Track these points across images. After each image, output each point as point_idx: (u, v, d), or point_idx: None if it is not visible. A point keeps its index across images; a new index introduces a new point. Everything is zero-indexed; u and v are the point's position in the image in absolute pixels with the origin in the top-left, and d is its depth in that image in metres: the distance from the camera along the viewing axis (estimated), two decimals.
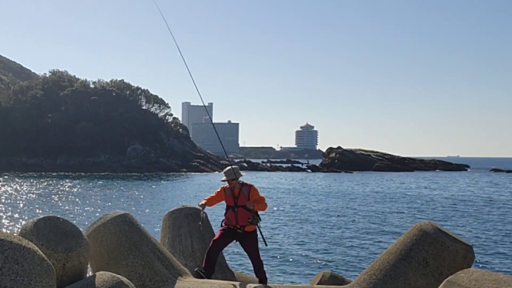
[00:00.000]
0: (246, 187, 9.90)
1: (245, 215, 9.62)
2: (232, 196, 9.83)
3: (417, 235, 7.31)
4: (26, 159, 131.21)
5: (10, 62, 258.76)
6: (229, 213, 9.80)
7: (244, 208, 9.63)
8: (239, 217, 9.67)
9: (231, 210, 9.76)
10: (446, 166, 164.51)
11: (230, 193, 9.90)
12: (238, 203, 9.72)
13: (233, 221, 9.71)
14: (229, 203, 9.86)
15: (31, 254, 5.25)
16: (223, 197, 10.03)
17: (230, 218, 9.77)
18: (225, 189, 10.04)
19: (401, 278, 7.14)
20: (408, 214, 43.64)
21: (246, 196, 9.71)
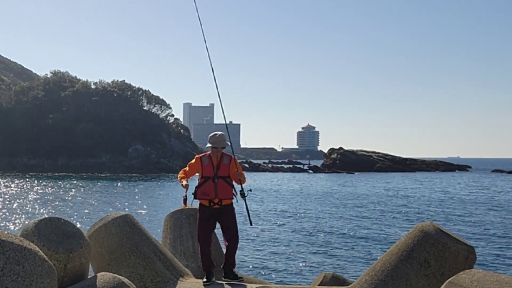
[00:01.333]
0: (227, 157, 9.25)
1: (225, 187, 8.98)
2: (211, 165, 9.12)
3: (418, 236, 7.30)
4: (27, 160, 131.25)
5: (11, 63, 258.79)
6: (206, 184, 8.99)
7: (224, 180, 9.01)
8: (219, 190, 8.96)
9: (210, 181, 8.98)
10: (447, 166, 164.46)
11: (208, 162, 9.17)
12: (219, 173, 9.04)
13: (212, 194, 8.94)
14: (206, 173, 9.08)
15: (32, 255, 5.25)
16: (199, 167, 9.20)
17: (207, 190, 8.96)
18: (202, 158, 9.27)
19: (403, 279, 7.13)
20: (409, 215, 43.62)
21: (228, 166, 9.12)
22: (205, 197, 8.93)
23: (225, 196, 8.95)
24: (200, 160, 9.23)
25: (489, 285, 5.58)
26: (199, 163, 9.22)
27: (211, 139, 9.19)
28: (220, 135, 9.20)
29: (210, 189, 8.93)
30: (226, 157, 9.21)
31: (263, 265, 23.13)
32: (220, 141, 9.14)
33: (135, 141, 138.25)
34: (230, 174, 9.13)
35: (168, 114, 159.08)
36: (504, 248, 28.09)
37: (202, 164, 9.16)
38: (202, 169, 9.12)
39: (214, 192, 8.91)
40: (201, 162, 9.20)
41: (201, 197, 8.97)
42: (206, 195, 8.93)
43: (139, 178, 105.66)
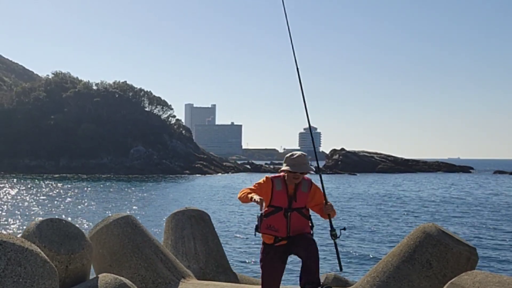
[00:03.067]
0: (306, 182, 7.15)
1: (300, 221, 7.03)
2: (285, 193, 7.06)
3: (420, 237, 7.30)
4: (28, 161, 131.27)
5: (12, 64, 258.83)
6: (275, 217, 7.01)
7: (299, 213, 7.03)
8: (292, 226, 7.00)
9: (281, 214, 6.99)
10: (449, 167, 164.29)
11: (282, 188, 7.09)
12: (294, 205, 7.01)
13: (282, 230, 6.99)
14: (278, 202, 7.02)
15: (34, 256, 5.25)
16: (268, 192, 7.08)
17: (276, 225, 7.00)
18: (274, 181, 7.14)
19: (405, 280, 7.13)
20: (411, 216, 43.59)
21: (307, 196, 7.10)
22: (272, 233, 7.04)
23: (299, 232, 7.05)
24: (272, 183, 7.14)
25: (491, 286, 5.57)
26: (269, 186, 7.12)
27: (290, 161, 7.12)
28: (302, 156, 7.13)
29: (280, 224, 7.02)
30: (304, 183, 7.15)
31: None
32: (303, 164, 7.07)
33: (136, 142, 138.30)
34: (308, 205, 7.15)
35: (170, 115, 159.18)
36: (506, 249, 28.06)
37: (273, 189, 7.11)
38: (272, 196, 7.09)
39: (285, 229, 7.01)
40: (272, 185, 7.12)
41: (266, 232, 7.05)
42: (273, 230, 7.02)
43: (140, 179, 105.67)
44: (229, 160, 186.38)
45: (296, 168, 6.99)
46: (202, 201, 58.37)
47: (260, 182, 7.19)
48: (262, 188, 7.10)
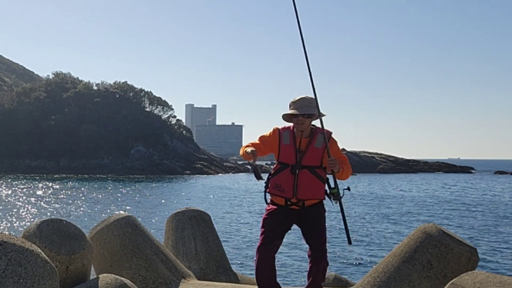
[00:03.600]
0: (320, 136, 6.31)
1: (311, 183, 6.29)
2: (293, 146, 6.33)
3: (421, 238, 7.29)
4: (29, 161, 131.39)
5: (13, 64, 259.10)
6: (282, 175, 6.33)
7: (311, 172, 6.28)
8: (300, 186, 6.26)
9: (288, 172, 6.29)
10: (450, 168, 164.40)
11: (290, 141, 6.36)
12: (303, 161, 6.27)
13: (288, 191, 6.28)
14: (284, 158, 6.36)
15: (34, 257, 5.25)
16: (276, 146, 6.42)
17: (282, 184, 6.31)
18: (282, 133, 6.43)
19: (405, 281, 7.12)
20: (412, 216, 43.60)
21: (320, 152, 6.32)
22: (278, 193, 6.35)
23: (310, 196, 6.37)
24: (279, 136, 6.40)
25: (491, 287, 5.56)
26: (277, 137, 6.41)
27: (290, 104, 6.35)
28: (306, 98, 6.30)
29: (287, 183, 6.27)
30: (320, 137, 6.32)
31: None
32: (304, 106, 6.24)
33: (137, 142, 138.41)
34: (323, 163, 6.33)
35: (170, 115, 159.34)
36: (507, 249, 28.07)
37: (281, 141, 6.39)
38: (280, 151, 6.41)
39: (292, 189, 6.26)
40: (279, 137, 6.40)
41: (274, 192, 6.38)
42: (279, 189, 6.32)
43: (141, 179, 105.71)
44: (230, 161, 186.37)
45: (297, 110, 6.19)
46: (202, 201, 58.38)
47: (265, 134, 6.49)
48: (266, 142, 6.45)
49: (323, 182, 6.46)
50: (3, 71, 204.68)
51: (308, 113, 6.23)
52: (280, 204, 6.44)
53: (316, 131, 6.41)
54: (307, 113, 6.23)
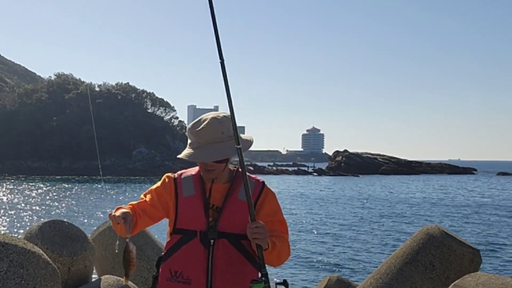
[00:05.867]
0: (252, 183, 3.89)
1: (236, 264, 3.75)
2: (201, 199, 3.83)
3: (423, 239, 7.29)
4: (31, 163, 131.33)
5: (15, 65, 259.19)
6: (186, 253, 3.77)
7: (233, 244, 3.75)
8: (217, 270, 3.70)
9: (197, 246, 3.74)
10: (453, 169, 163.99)
11: (196, 190, 3.88)
12: (221, 224, 3.74)
13: (200, 279, 3.70)
14: (189, 221, 3.80)
15: (36, 258, 5.25)
16: (172, 201, 3.90)
17: (189, 271, 3.74)
18: (181, 181, 3.95)
19: (408, 282, 7.11)
20: (414, 218, 43.51)
21: (244, 209, 3.66)
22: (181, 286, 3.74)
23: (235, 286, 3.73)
24: (175, 183, 3.95)
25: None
26: (171, 187, 3.94)
27: (193, 136, 3.83)
28: (218, 125, 3.78)
29: (194, 266, 3.72)
30: (238, 184, 3.86)
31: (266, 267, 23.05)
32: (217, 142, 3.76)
33: (139, 143, 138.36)
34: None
35: (173, 116, 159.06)
36: (510, 251, 28.00)
37: (179, 193, 3.89)
38: (178, 208, 3.86)
39: (204, 276, 3.70)
40: (175, 187, 3.93)
41: (170, 287, 3.80)
42: (182, 280, 3.74)
43: (143, 180, 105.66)
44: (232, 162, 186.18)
45: (199, 154, 3.74)
46: None
47: (154, 187, 4.01)
48: (156, 198, 3.93)
49: (252, 263, 3.80)
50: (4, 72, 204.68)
51: (219, 159, 3.75)
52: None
53: (239, 175, 3.88)
54: (217, 159, 3.74)
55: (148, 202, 3.93)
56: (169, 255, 3.86)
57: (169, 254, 3.87)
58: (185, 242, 3.78)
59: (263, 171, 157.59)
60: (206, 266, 3.70)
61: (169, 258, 3.85)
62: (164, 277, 3.85)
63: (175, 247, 3.83)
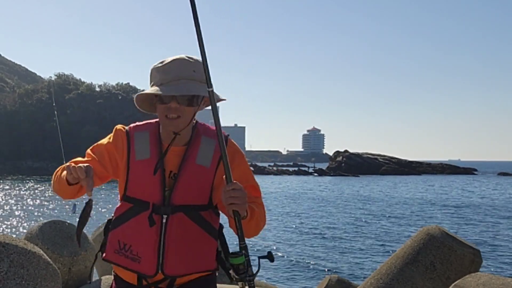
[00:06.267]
0: (211, 141, 3.33)
1: (193, 242, 3.23)
2: (158, 168, 3.23)
3: (424, 239, 7.29)
4: (31, 163, 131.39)
5: (15, 65, 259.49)
6: (135, 227, 3.25)
7: (192, 218, 3.23)
8: (169, 249, 3.18)
9: (146, 221, 3.20)
10: (453, 169, 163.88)
11: (152, 153, 3.29)
12: (175, 197, 3.21)
13: (149, 260, 3.20)
14: (141, 191, 3.28)
15: (37, 258, 5.24)
16: (122, 162, 3.39)
17: (139, 247, 3.23)
18: (134, 137, 3.42)
19: (408, 283, 7.11)
20: (415, 218, 43.48)
21: (211, 174, 3.27)
22: (129, 264, 3.28)
23: (189, 269, 3.26)
24: (127, 139, 3.42)
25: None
26: (123, 144, 3.41)
27: (159, 73, 3.26)
28: (189, 61, 3.23)
29: (144, 244, 3.23)
30: (206, 143, 3.34)
31: (266, 268, 23.06)
32: (186, 78, 3.18)
33: None
34: (214, 199, 3.30)
35: None
36: (510, 251, 27.99)
37: (131, 155, 3.35)
38: (129, 172, 3.36)
39: (154, 256, 3.20)
40: (128, 145, 3.39)
41: (118, 259, 3.33)
42: (130, 256, 3.26)
43: None
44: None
45: (165, 87, 3.14)
46: None
47: (103, 142, 3.53)
48: (106, 156, 3.39)
49: (215, 237, 3.33)
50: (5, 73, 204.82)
51: (190, 94, 3.15)
52: (130, 284, 3.35)
53: (199, 132, 3.37)
54: (188, 94, 3.15)
55: (97, 160, 3.39)
56: (118, 223, 3.37)
57: (118, 222, 3.38)
58: (135, 213, 3.29)
59: (264, 171, 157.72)
60: (158, 245, 3.20)
61: (118, 227, 3.35)
62: (112, 248, 3.37)
63: (124, 217, 3.35)
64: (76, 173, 2.99)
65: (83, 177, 2.99)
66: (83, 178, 3.00)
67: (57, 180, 3.41)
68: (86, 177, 3.00)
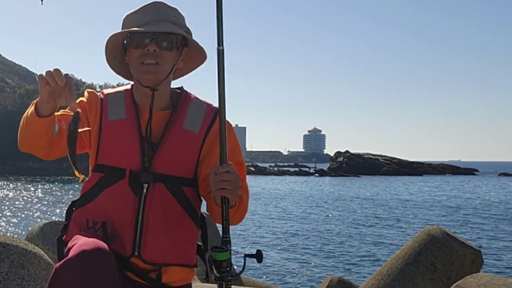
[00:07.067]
0: (200, 106, 2.95)
1: (174, 221, 2.79)
2: (134, 125, 2.84)
3: (425, 240, 7.28)
4: (32, 163, 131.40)
5: (16, 66, 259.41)
6: (110, 199, 2.78)
7: (174, 191, 2.78)
8: (148, 223, 2.72)
9: (125, 190, 2.76)
10: (454, 170, 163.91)
11: (129, 113, 2.87)
12: (157, 164, 2.77)
13: (126, 240, 2.71)
14: (116, 156, 2.87)
15: (37, 259, 5.24)
16: (95, 125, 2.97)
17: (111, 220, 2.73)
18: (107, 99, 2.96)
19: (409, 283, 7.10)
20: (416, 219, 43.48)
21: (198, 138, 2.86)
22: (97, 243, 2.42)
23: (167, 258, 2.77)
24: (100, 102, 2.96)
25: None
26: (96, 106, 2.95)
27: (134, 15, 2.86)
28: (160, 3, 2.87)
29: (121, 218, 2.74)
30: (194, 107, 2.93)
31: (268, 268, 23.06)
32: (164, 20, 2.82)
33: None
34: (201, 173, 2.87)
35: None
36: (511, 251, 27.99)
37: (104, 116, 2.93)
38: (101, 135, 2.95)
39: (131, 230, 2.72)
40: (101, 107, 2.95)
41: (82, 234, 2.72)
42: (101, 236, 2.66)
43: None
44: None
45: (149, 28, 2.75)
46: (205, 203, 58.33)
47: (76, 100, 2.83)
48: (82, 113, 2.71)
49: (197, 224, 2.95)
50: (6, 73, 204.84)
51: (170, 31, 2.77)
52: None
53: (188, 96, 3.01)
54: (168, 31, 2.77)
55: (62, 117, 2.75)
56: (87, 200, 2.87)
57: (86, 198, 2.88)
58: (108, 184, 2.81)
59: (265, 171, 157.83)
60: (135, 220, 2.71)
61: (87, 204, 2.84)
62: (77, 227, 2.81)
63: (95, 190, 2.85)
64: (53, 79, 2.52)
65: (63, 83, 2.49)
66: (64, 84, 2.50)
67: (23, 123, 2.96)
68: (66, 83, 2.50)
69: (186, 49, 2.93)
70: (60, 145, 2.98)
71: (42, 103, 2.65)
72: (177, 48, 2.84)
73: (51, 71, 2.50)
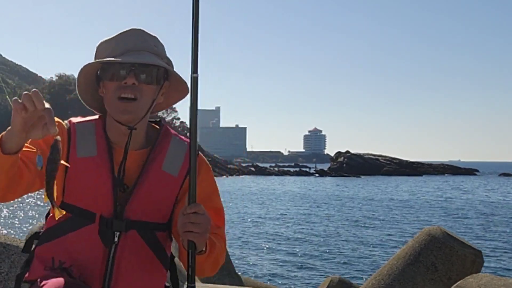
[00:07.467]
0: (184, 145, 2.83)
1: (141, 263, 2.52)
2: (106, 164, 2.52)
3: (425, 240, 7.28)
4: None
5: (16, 66, 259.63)
6: (75, 240, 2.49)
7: (148, 240, 2.53)
8: (119, 274, 2.47)
9: (92, 235, 2.47)
10: (455, 170, 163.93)
11: (100, 150, 2.57)
12: (130, 210, 2.50)
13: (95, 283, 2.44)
14: (85, 198, 2.51)
15: None
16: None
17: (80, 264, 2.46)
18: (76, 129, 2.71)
19: (410, 283, 7.10)
20: (416, 219, 43.44)
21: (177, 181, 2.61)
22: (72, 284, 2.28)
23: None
24: (68, 133, 2.64)
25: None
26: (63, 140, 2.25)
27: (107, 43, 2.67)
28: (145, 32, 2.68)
29: (89, 265, 2.47)
30: (176, 145, 2.79)
31: (268, 269, 23.06)
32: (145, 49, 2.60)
33: None
34: (174, 218, 2.59)
35: (174, 117, 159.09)
36: (511, 252, 27.97)
37: (71, 151, 2.57)
38: (66, 176, 2.53)
39: (99, 279, 2.46)
40: (68, 139, 2.60)
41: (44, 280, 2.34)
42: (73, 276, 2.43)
43: None
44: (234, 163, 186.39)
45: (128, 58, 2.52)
46: None
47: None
48: (41, 145, 2.42)
49: (166, 267, 2.68)
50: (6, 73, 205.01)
51: (151, 63, 2.55)
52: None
53: (168, 132, 2.84)
54: (149, 63, 2.54)
55: (34, 151, 2.39)
56: (52, 236, 2.59)
57: (52, 234, 2.60)
58: (77, 226, 2.52)
59: (265, 172, 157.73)
60: (105, 268, 2.49)
61: (52, 241, 2.57)
62: (41, 265, 2.53)
63: (62, 230, 2.56)
64: (31, 104, 2.05)
65: (42, 107, 2.05)
66: (43, 109, 2.06)
67: None
68: (46, 108, 2.07)
69: (167, 83, 2.68)
70: (20, 185, 2.37)
71: (11, 136, 2.16)
72: (158, 81, 2.60)
73: (29, 94, 2.05)
